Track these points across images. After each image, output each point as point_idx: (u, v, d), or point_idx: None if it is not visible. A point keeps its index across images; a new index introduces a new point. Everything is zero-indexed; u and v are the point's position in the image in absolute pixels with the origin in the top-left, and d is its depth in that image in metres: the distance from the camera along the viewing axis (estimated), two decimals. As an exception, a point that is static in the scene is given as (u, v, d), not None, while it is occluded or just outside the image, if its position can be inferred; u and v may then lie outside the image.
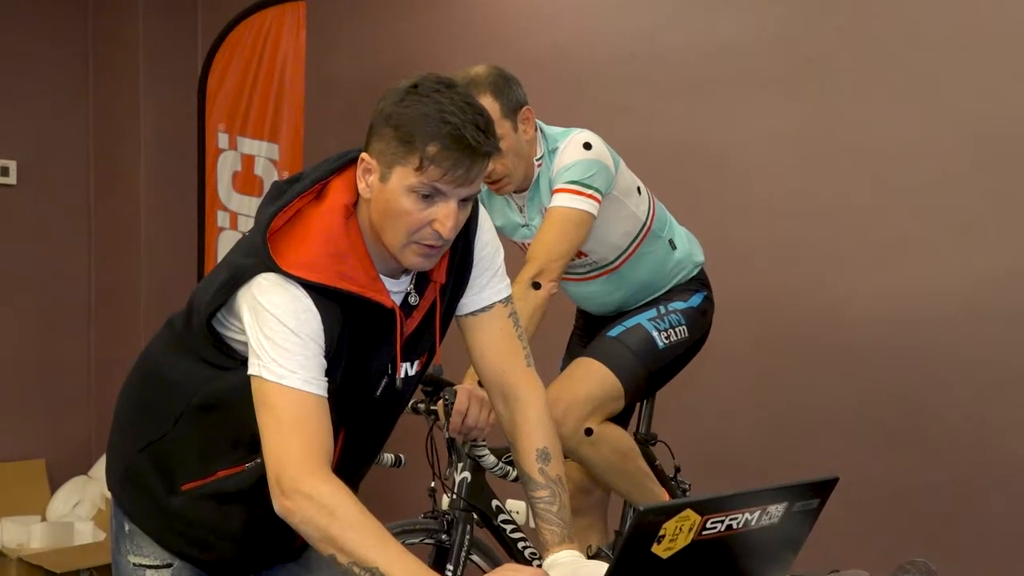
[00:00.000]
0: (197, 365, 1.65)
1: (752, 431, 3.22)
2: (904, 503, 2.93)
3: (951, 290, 2.86)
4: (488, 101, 2.30)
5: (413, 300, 1.66)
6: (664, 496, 2.57)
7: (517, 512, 3.10)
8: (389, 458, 2.35)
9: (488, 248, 1.74)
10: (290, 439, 1.46)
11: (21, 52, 4.70)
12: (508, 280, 1.79)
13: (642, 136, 3.29)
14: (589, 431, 2.36)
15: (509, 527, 2.47)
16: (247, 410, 1.52)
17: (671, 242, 2.60)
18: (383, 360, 1.64)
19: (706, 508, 1.29)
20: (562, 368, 2.61)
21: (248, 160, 4.22)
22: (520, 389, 1.75)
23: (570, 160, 2.35)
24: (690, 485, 2.74)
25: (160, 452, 1.71)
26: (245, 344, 1.54)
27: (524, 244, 2.52)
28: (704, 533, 1.31)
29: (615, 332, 2.49)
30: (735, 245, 3.18)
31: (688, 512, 1.28)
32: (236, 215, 4.27)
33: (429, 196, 1.50)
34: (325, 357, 1.52)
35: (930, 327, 2.89)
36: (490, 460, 2.40)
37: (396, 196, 1.51)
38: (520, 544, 2.48)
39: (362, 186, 1.56)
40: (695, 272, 2.65)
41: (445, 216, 1.51)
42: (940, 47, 2.87)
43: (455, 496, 2.38)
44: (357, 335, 1.57)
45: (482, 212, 1.74)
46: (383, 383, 1.67)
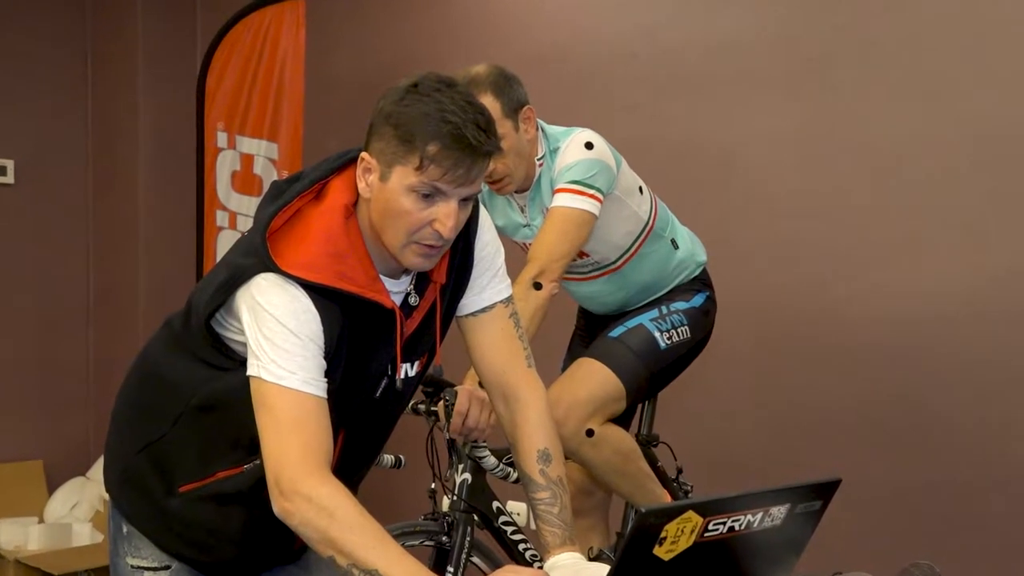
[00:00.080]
0: (196, 366, 1.65)
1: (754, 432, 3.22)
2: (906, 504, 2.93)
3: (952, 290, 2.86)
4: (489, 100, 2.29)
5: (413, 300, 1.66)
6: (666, 498, 2.56)
7: (518, 514, 3.09)
8: (389, 459, 2.34)
9: (488, 248, 1.73)
10: (289, 440, 1.46)
11: (20, 51, 4.69)
12: (509, 280, 1.79)
13: (643, 135, 3.28)
14: (590, 432, 2.36)
15: (510, 529, 2.46)
16: (246, 411, 1.51)
17: (673, 242, 2.60)
18: (383, 361, 1.64)
19: (708, 510, 1.29)
20: (563, 368, 2.60)
21: (247, 159, 4.21)
22: (521, 390, 1.74)
23: (572, 160, 2.34)
24: (692, 487, 2.74)
25: (158, 453, 1.70)
26: (244, 344, 1.53)
27: (525, 244, 2.52)
28: (706, 535, 1.31)
29: (617, 332, 2.48)
30: (736, 245, 3.17)
31: (690, 514, 1.27)
32: (235, 214, 4.25)
33: (429, 196, 1.50)
34: (325, 358, 1.52)
35: (931, 327, 2.89)
36: (491, 461, 2.40)
37: (396, 195, 1.50)
38: (521, 546, 2.48)
39: (362, 186, 1.55)
40: (697, 272, 2.65)
41: (445, 216, 1.51)
42: (941, 46, 2.87)
43: (455, 498, 2.37)
44: (357, 336, 1.57)
45: (483, 212, 1.74)
46: (383, 384, 1.66)
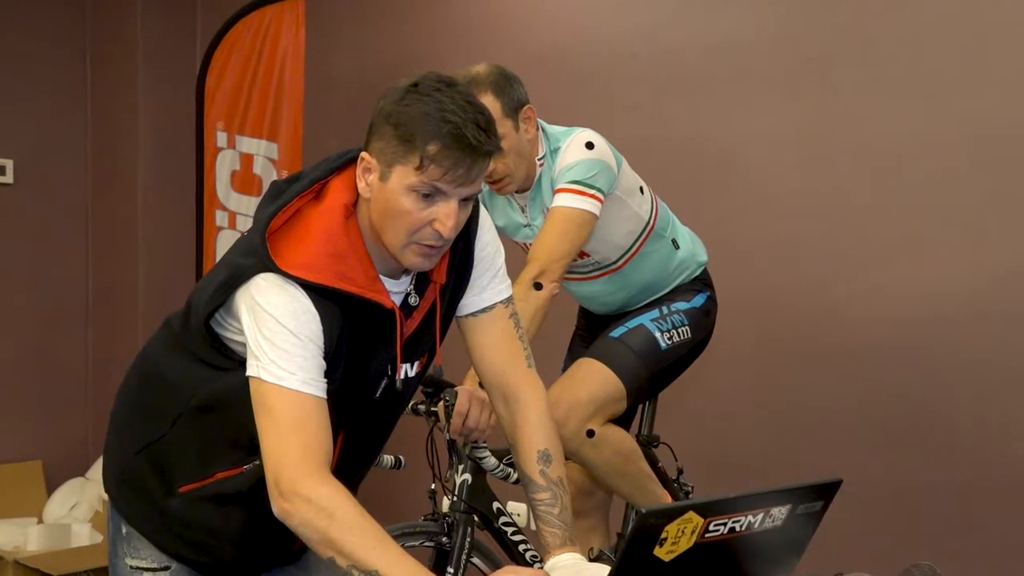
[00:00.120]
0: (195, 366, 1.64)
1: (755, 432, 3.21)
2: (907, 504, 2.93)
3: (952, 290, 2.85)
4: (489, 100, 2.29)
5: (413, 301, 1.65)
6: (667, 498, 2.56)
7: (518, 514, 3.09)
8: (389, 460, 2.34)
9: (489, 248, 1.73)
10: (289, 441, 1.46)
11: (19, 50, 4.68)
12: (509, 281, 1.79)
13: (644, 135, 3.28)
14: (591, 433, 2.35)
15: (510, 529, 2.46)
16: (245, 411, 1.51)
17: (674, 242, 2.60)
18: (383, 361, 1.63)
19: (709, 510, 1.29)
20: (564, 369, 2.60)
21: (247, 159, 4.20)
22: (521, 390, 1.74)
23: (572, 160, 2.34)
24: (693, 487, 2.73)
25: (158, 454, 1.70)
26: (243, 345, 1.53)
27: (526, 244, 2.52)
28: (707, 536, 1.30)
29: (617, 333, 2.48)
30: (737, 244, 3.17)
31: (691, 514, 1.27)
32: (235, 214, 4.25)
33: (430, 195, 1.50)
34: (324, 358, 1.52)
35: (931, 327, 2.88)
36: (491, 462, 2.39)
37: (396, 195, 1.50)
38: (521, 547, 2.47)
39: (362, 185, 1.55)
40: (698, 272, 2.64)
41: (446, 216, 1.50)
42: (941, 46, 2.87)
43: (455, 498, 2.37)
44: (356, 336, 1.57)
45: (483, 212, 1.73)
46: (383, 384, 1.66)
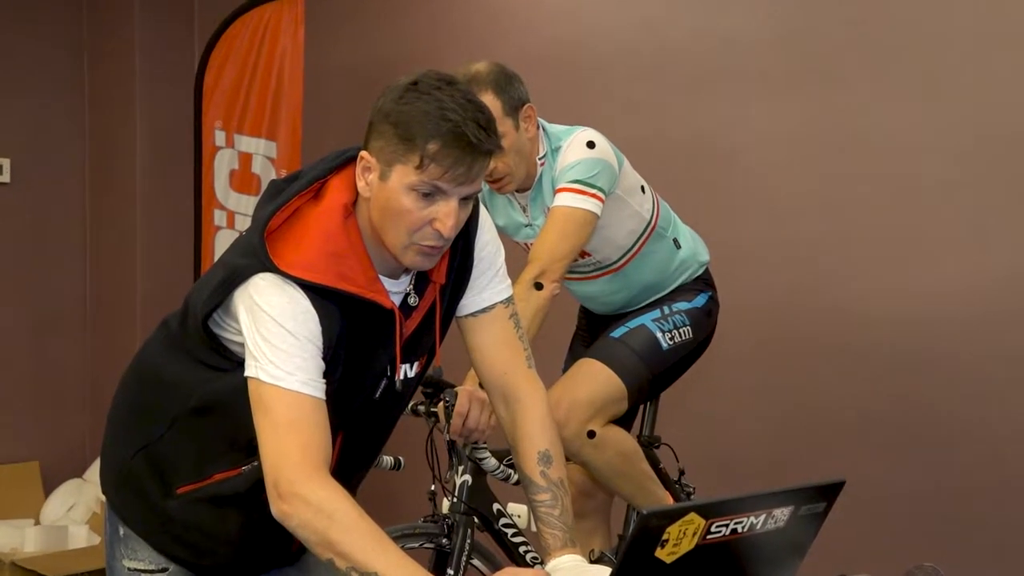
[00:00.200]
0: (193, 367, 1.64)
1: (757, 433, 3.20)
2: (913, 507, 2.91)
3: (955, 290, 2.84)
4: (489, 98, 2.29)
5: (412, 301, 1.65)
6: (668, 500, 2.56)
7: (518, 516, 3.08)
8: (388, 461, 2.33)
9: (488, 248, 1.73)
10: (287, 442, 1.45)
11: (15, 48, 4.67)
12: (509, 281, 1.78)
13: (646, 134, 3.26)
14: (592, 433, 2.35)
15: (510, 531, 2.46)
16: (244, 412, 1.51)
17: (675, 241, 2.59)
18: (382, 361, 1.63)
19: (711, 512, 1.28)
20: (564, 369, 2.60)
21: (245, 158, 4.19)
22: (521, 391, 1.73)
23: (573, 159, 2.34)
24: (694, 488, 2.73)
25: (155, 455, 1.70)
26: (242, 345, 1.53)
27: (527, 244, 2.51)
28: (709, 537, 1.30)
29: (618, 333, 2.48)
30: (740, 244, 3.15)
31: (692, 516, 1.26)
32: (233, 214, 4.23)
33: (430, 195, 1.49)
34: (323, 359, 1.51)
35: (934, 327, 2.87)
36: (491, 463, 2.39)
37: (396, 195, 1.50)
38: (521, 548, 2.47)
39: (361, 184, 1.54)
40: (700, 272, 2.64)
41: (446, 215, 1.50)
42: (953, 43, 2.84)
43: (455, 499, 2.36)
44: (356, 336, 1.56)
45: (482, 212, 1.73)
46: (382, 385, 1.65)
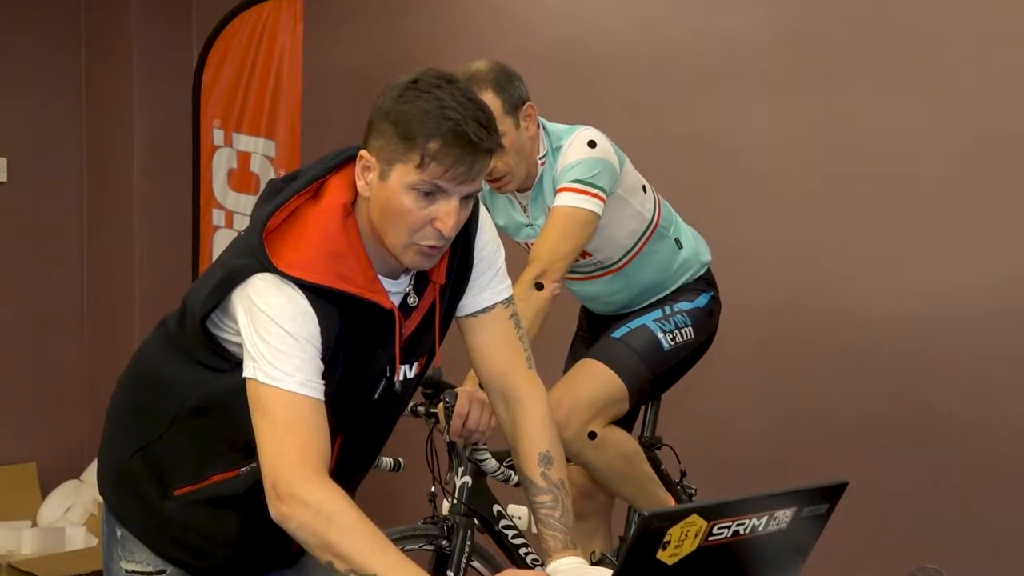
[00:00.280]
0: (191, 367, 1.63)
1: (759, 434, 3.19)
2: (913, 507, 2.91)
3: (960, 291, 2.83)
4: (489, 97, 2.28)
5: (412, 301, 1.64)
6: (669, 501, 2.56)
7: (519, 517, 3.07)
8: (388, 462, 2.33)
9: (488, 248, 1.72)
10: (286, 443, 1.45)
11: (13, 47, 4.66)
12: (509, 281, 1.78)
13: (646, 133, 3.25)
14: (593, 435, 2.35)
15: (511, 532, 2.45)
16: (242, 413, 1.50)
17: (677, 241, 2.58)
18: (382, 362, 1.62)
19: (712, 513, 1.28)
20: (565, 370, 2.59)
21: (244, 157, 4.18)
22: (521, 392, 1.73)
23: (574, 158, 2.33)
24: (696, 490, 2.72)
25: (153, 456, 1.69)
26: (240, 346, 1.52)
27: (528, 244, 2.51)
28: (710, 539, 1.29)
29: (619, 333, 2.47)
30: (740, 244, 3.14)
31: (694, 517, 1.26)
32: (232, 213, 4.23)
33: (430, 194, 1.49)
34: (322, 359, 1.51)
35: (939, 328, 2.87)
36: (491, 464, 2.38)
37: (396, 194, 1.49)
38: (522, 550, 2.46)
39: (361, 184, 1.54)
40: (702, 272, 2.63)
41: (446, 214, 1.49)
42: (953, 43, 2.84)
43: (455, 501, 2.36)
44: (355, 337, 1.55)
45: (482, 212, 1.73)
46: (382, 385, 1.65)
